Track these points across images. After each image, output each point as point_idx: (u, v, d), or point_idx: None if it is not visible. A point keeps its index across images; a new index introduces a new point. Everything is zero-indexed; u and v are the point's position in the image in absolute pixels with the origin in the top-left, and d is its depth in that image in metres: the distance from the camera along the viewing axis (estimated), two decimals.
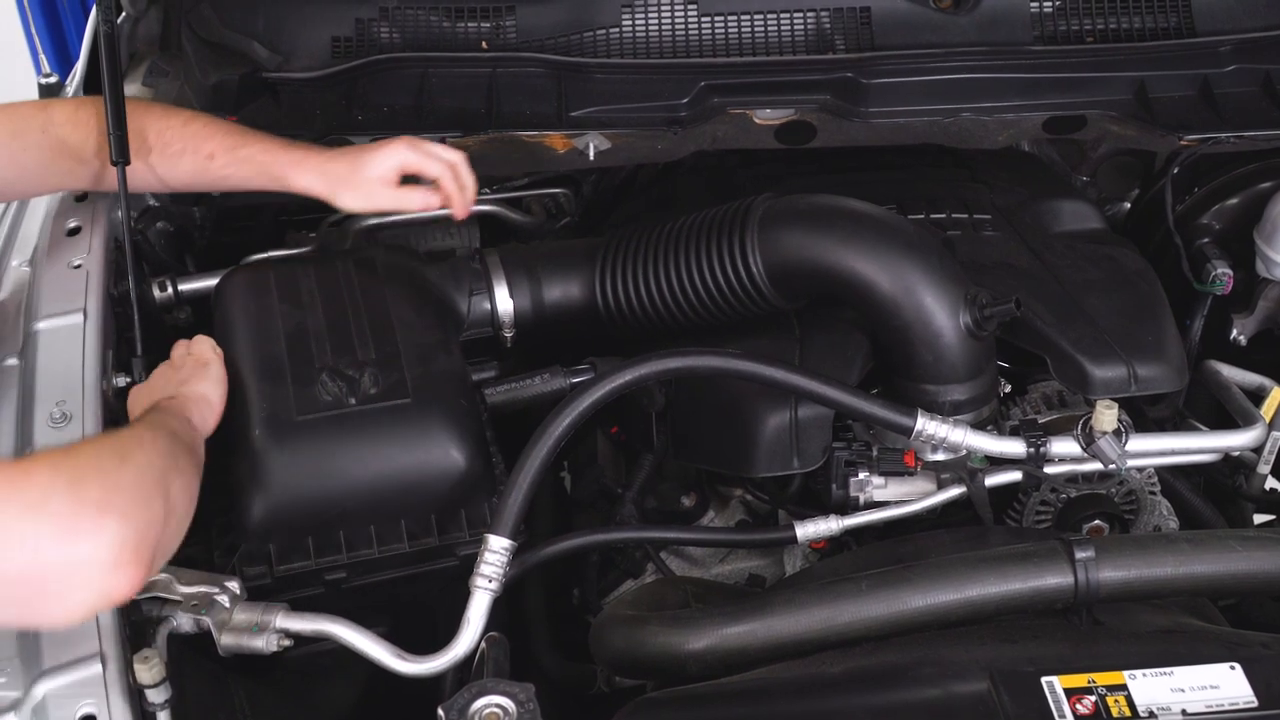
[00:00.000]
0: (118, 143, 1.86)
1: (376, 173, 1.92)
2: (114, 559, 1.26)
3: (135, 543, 1.28)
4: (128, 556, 1.27)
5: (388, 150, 1.94)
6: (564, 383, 1.97)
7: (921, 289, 1.85)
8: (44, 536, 1.23)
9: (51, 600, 1.26)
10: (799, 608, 1.54)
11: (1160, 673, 1.41)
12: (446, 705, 1.38)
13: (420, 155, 1.95)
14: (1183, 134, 2.28)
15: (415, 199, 1.96)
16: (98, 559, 1.25)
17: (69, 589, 1.26)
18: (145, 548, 1.30)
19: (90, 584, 1.26)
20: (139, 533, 1.29)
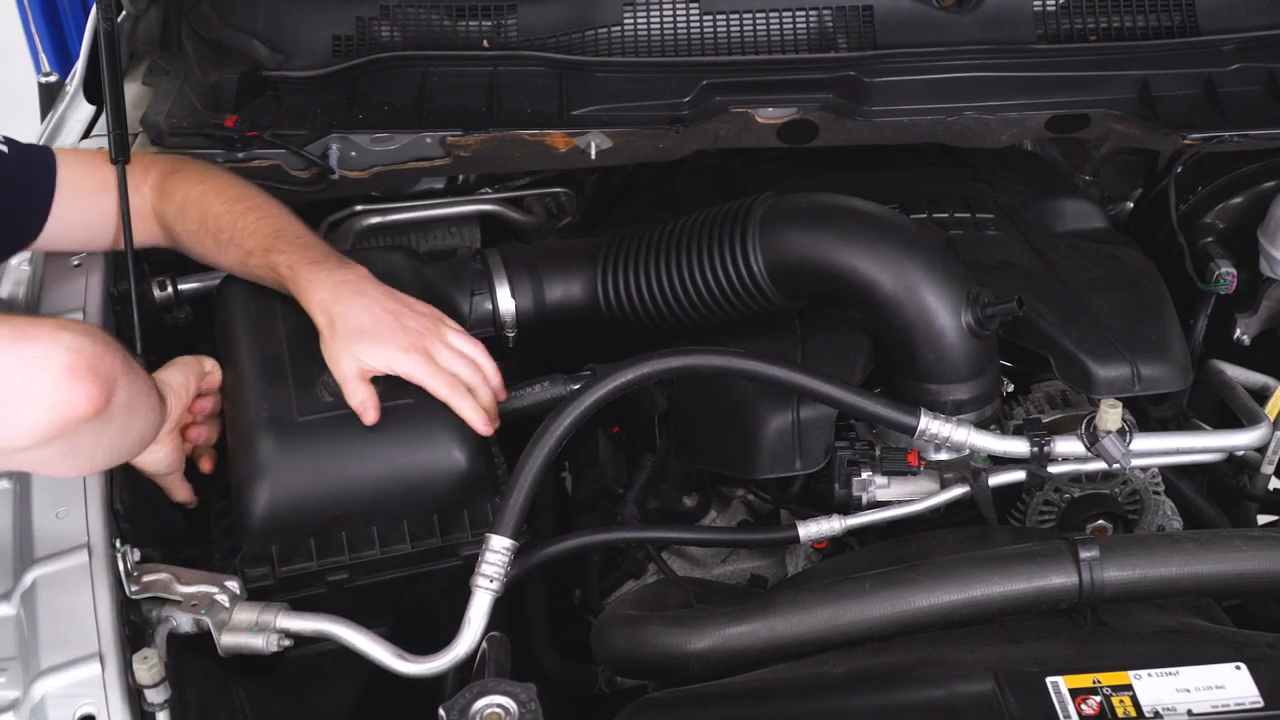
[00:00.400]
0: (118, 141, 1.86)
1: (370, 361, 1.70)
2: (68, 364, 1.27)
3: (90, 356, 1.29)
4: (83, 365, 1.28)
5: (396, 358, 1.71)
6: (564, 389, 1.96)
7: (923, 288, 1.84)
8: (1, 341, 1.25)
9: (11, 405, 1.26)
10: (802, 607, 1.53)
11: (1165, 673, 1.40)
12: (447, 705, 1.37)
13: (428, 378, 1.72)
14: (1186, 133, 2.27)
15: (356, 397, 1.69)
16: (50, 361, 1.27)
17: (25, 391, 1.26)
18: (101, 366, 1.30)
19: (46, 387, 1.26)
20: (94, 350, 1.30)
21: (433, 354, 1.74)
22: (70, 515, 1.58)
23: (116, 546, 1.54)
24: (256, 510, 1.67)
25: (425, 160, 2.23)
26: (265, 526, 1.67)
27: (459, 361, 1.76)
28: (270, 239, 1.81)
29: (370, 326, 1.72)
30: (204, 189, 1.88)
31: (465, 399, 1.73)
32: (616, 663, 1.68)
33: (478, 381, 1.77)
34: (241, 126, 2.17)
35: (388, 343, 1.71)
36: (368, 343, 1.70)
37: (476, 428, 1.73)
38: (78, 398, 1.30)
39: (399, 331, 1.73)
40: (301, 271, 1.76)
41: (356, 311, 1.73)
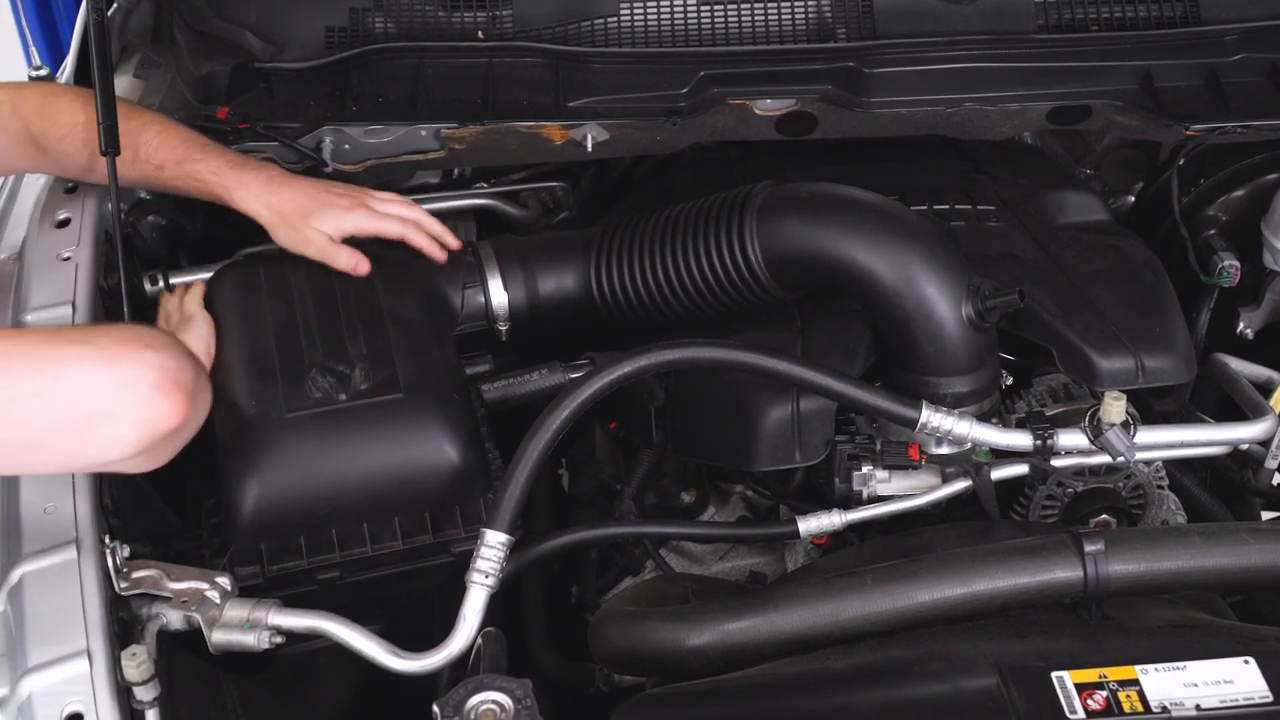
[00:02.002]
0: (107, 133, 1.85)
1: (326, 227, 1.88)
2: (155, 382, 1.38)
3: (174, 371, 1.41)
4: (168, 382, 1.39)
5: (341, 217, 1.89)
6: (562, 378, 1.95)
7: (923, 279, 1.82)
8: (90, 363, 1.36)
9: (103, 426, 1.36)
10: (803, 602, 1.51)
11: (1173, 667, 1.38)
12: (442, 702, 1.35)
13: (376, 223, 1.91)
14: (1189, 124, 2.26)
15: (343, 258, 1.88)
16: (141, 381, 1.37)
17: (117, 412, 1.37)
18: (184, 378, 1.42)
19: (136, 406, 1.37)
20: (177, 364, 1.42)
21: (372, 207, 1.93)
22: (59, 510, 1.56)
23: (106, 542, 1.52)
24: (246, 508, 1.66)
25: (419, 153, 2.22)
26: (255, 524, 1.66)
27: (394, 206, 1.96)
28: (182, 150, 1.91)
29: (310, 204, 1.89)
30: (90, 109, 1.87)
31: (417, 231, 1.94)
32: (614, 659, 1.66)
33: (418, 216, 1.96)
34: (234, 119, 2.16)
35: (332, 209, 1.89)
36: (317, 216, 1.87)
37: (435, 255, 1.95)
38: (166, 414, 1.40)
39: (336, 198, 1.91)
40: (228, 175, 1.89)
41: (294, 196, 1.89)
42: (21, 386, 1.34)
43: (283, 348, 1.78)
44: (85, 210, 2.00)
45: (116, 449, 1.39)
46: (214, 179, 1.89)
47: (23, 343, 1.39)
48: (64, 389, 1.35)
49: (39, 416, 1.35)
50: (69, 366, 1.36)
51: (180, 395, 1.41)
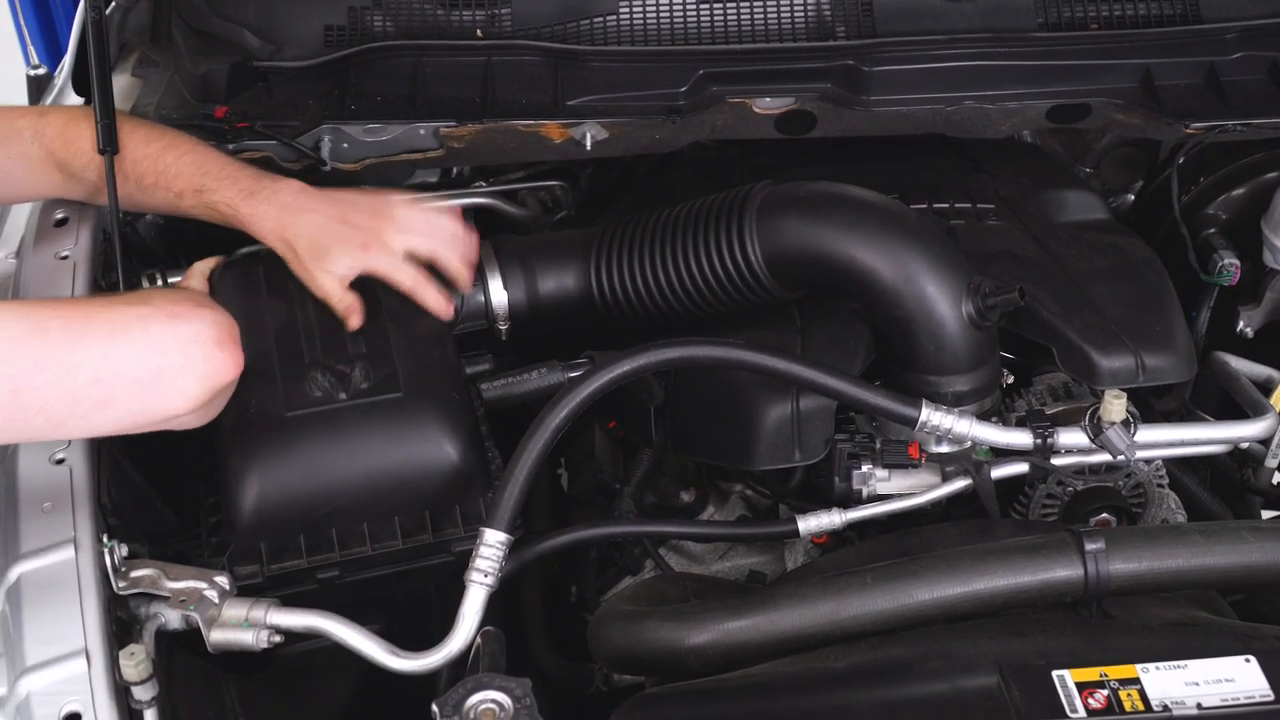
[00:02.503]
0: (105, 132, 1.84)
1: (339, 269, 1.80)
2: (215, 336, 1.48)
3: (228, 326, 1.50)
4: (227, 335, 1.49)
5: (357, 257, 1.80)
6: (561, 377, 1.95)
7: (923, 277, 1.82)
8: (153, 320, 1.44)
9: (171, 380, 1.44)
10: (803, 601, 1.51)
11: (1174, 666, 1.38)
12: (441, 701, 1.35)
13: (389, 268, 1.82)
14: (1189, 122, 2.25)
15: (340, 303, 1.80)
16: (203, 335, 1.47)
17: (185, 365, 1.45)
18: (235, 334, 1.52)
19: (201, 358, 1.46)
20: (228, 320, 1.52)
21: (388, 242, 1.82)
22: (56, 509, 1.56)
23: (104, 542, 1.52)
24: (245, 507, 1.65)
25: (418, 152, 2.21)
26: (254, 523, 1.66)
27: (414, 238, 1.85)
28: (198, 179, 1.86)
29: (324, 239, 1.80)
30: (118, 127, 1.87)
31: (428, 290, 1.84)
32: (613, 658, 1.66)
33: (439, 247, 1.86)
34: (232, 117, 2.15)
35: (345, 246, 1.80)
36: (329, 255, 1.79)
37: (440, 313, 1.85)
38: (227, 366, 1.51)
39: (352, 232, 1.81)
40: (242, 207, 1.83)
41: (308, 229, 1.81)
42: (90, 349, 1.39)
43: (282, 346, 1.77)
44: (83, 210, 1.99)
45: (183, 402, 1.47)
46: (229, 212, 1.84)
47: (86, 308, 1.45)
48: (131, 348, 1.42)
49: (109, 376, 1.41)
50: (135, 326, 1.43)
51: (236, 348, 1.51)
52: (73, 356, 1.39)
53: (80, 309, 1.45)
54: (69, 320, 1.41)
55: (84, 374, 1.40)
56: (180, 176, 1.87)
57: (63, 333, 1.39)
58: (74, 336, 1.40)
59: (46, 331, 1.39)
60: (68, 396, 1.41)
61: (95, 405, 1.44)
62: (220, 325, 1.50)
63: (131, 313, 1.44)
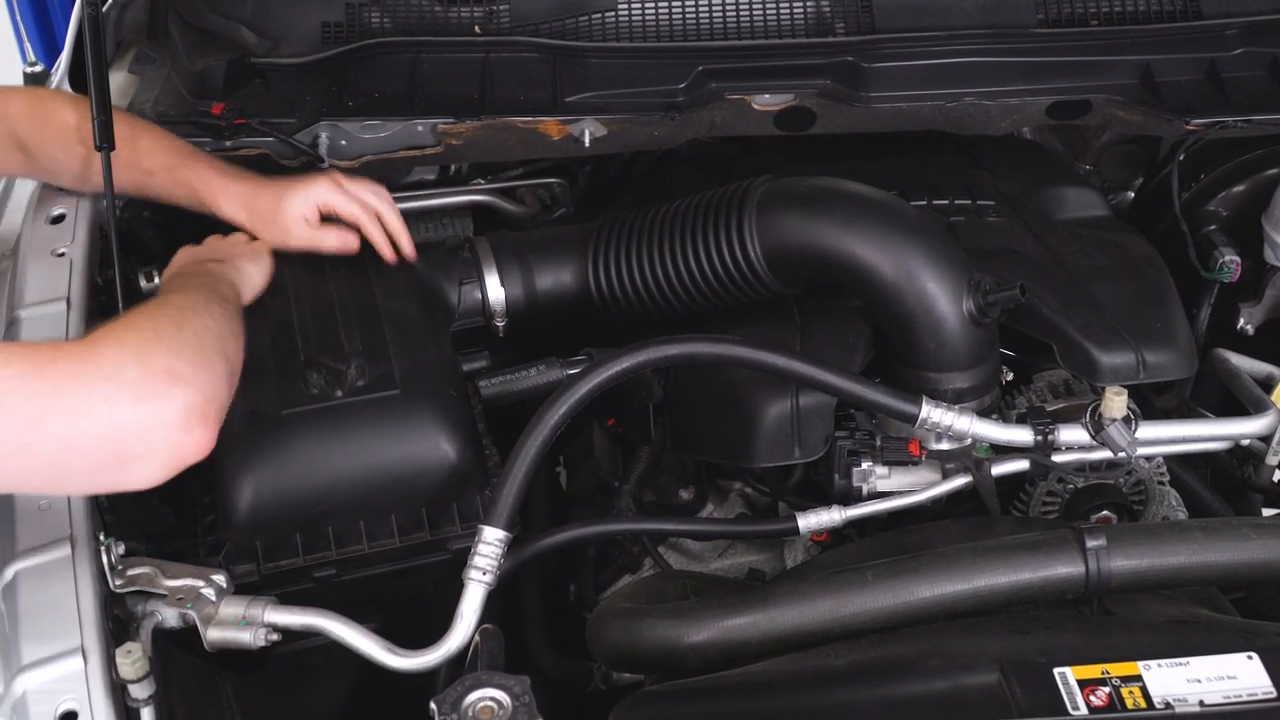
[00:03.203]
0: (102, 128, 1.83)
1: (297, 211, 1.90)
2: (185, 421, 1.38)
3: (202, 405, 1.40)
4: (197, 418, 1.39)
5: (308, 190, 1.91)
6: (560, 374, 1.94)
7: (924, 274, 1.81)
8: (120, 404, 1.35)
9: (131, 464, 1.38)
10: (803, 599, 1.50)
11: (1176, 663, 1.37)
12: (439, 699, 1.34)
13: (340, 196, 1.92)
14: (1190, 118, 2.25)
15: (330, 238, 1.92)
16: (171, 421, 1.37)
17: (146, 452, 1.38)
18: (212, 408, 1.43)
19: (166, 445, 1.38)
20: (205, 395, 1.42)
21: (340, 180, 1.93)
22: (53, 507, 1.55)
23: (101, 539, 1.51)
24: (241, 505, 1.65)
25: (416, 148, 2.21)
26: (250, 522, 1.65)
27: (363, 190, 1.94)
28: (173, 158, 1.94)
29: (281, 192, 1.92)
30: (83, 115, 1.87)
31: (374, 223, 1.92)
32: (613, 656, 1.65)
33: (382, 207, 1.94)
34: (229, 114, 2.14)
35: (299, 186, 1.91)
36: (287, 200, 1.89)
37: (385, 253, 1.93)
38: (193, 450, 1.40)
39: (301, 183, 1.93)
40: (213, 182, 1.91)
41: (268, 191, 1.92)
42: (51, 429, 1.33)
43: (278, 344, 1.77)
44: (80, 206, 1.99)
45: (142, 482, 1.41)
46: (200, 185, 1.91)
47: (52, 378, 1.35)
48: (95, 433, 1.35)
49: (69, 459, 1.36)
50: (99, 408, 1.35)
51: (206, 429, 1.41)
52: (33, 434, 1.33)
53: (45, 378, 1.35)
54: (32, 394, 1.33)
55: (44, 452, 1.34)
56: (153, 155, 1.92)
57: (26, 407, 1.32)
58: (37, 414, 1.33)
59: (9, 408, 1.32)
60: (26, 470, 1.36)
61: (51, 479, 1.40)
62: (190, 408, 1.39)
63: (97, 392, 1.35)
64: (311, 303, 1.84)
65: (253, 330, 1.77)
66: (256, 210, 1.91)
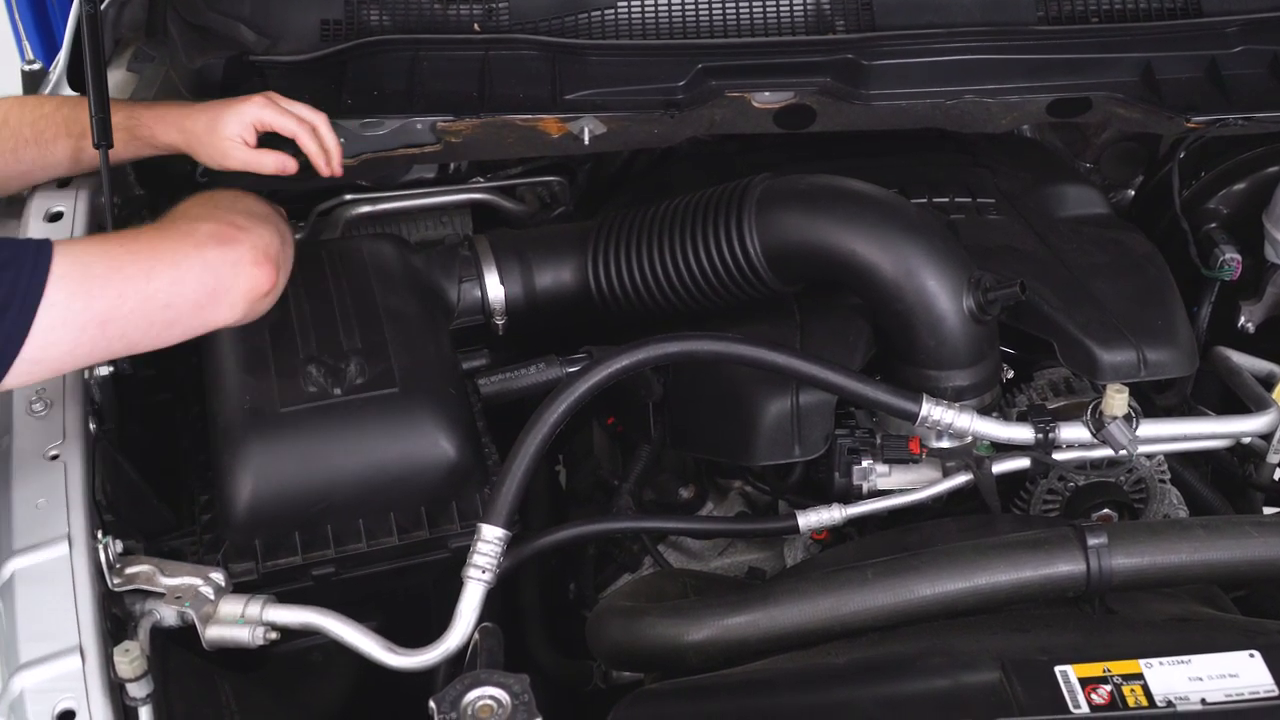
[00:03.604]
0: (99, 126, 1.82)
1: (232, 130, 1.90)
2: (255, 257, 1.66)
3: (265, 247, 1.68)
4: (263, 256, 1.67)
5: (242, 107, 1.92)
6: (559, 372, 1.94)
7: (924, 272, 1.81)
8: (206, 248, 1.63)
9: (222, 297, 1.64)
10: (803, 597, 1.50)
11: (1177, 661, 1.36)
12: (438, 697, 1.34)
13: (274, 113, 1.93)
14: (1190, 116, 2.24)
15: (268, 161, 1.92)
16: (244, 258, 1.65)
17: (233, 284, 1.64)
18: (273, 250, 1.69)
19: (245, 278, 1.65)
20: (265, 240, 1.69)
21: (275, 99, 1.95)
22: (50, 505, 1.55)
23: (98, 538, 1.51)
24: (239, 503, 1.65)
25: (416, 146, 2.19)
26: (249, 520, 1.65)
27: (299, 106, 1.96)
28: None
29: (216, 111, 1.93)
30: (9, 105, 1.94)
31: (311, 136, 1.94)
32: (612, 655, 1.65)
33: (319, 122, 1.96)
34: None
35: (234, 106, 1.92)
36: (222, 121, 1.91)
37: (319, 166, 1.95)
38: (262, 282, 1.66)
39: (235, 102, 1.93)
40: (145, 115, 1.95)
41: (203, 112, 1.94)
42: (161, 278, 1.58)
43: (277, 342, 1.76)
44: (78, 204, 1.98)
45: (231, 316, 1.66)
46: (133, 122, 1.93)
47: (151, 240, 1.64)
48: (194, 273, 1.61)
49: (178, 300, 1.60)
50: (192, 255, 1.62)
51: (271, 266, 1.67)
52: (149, 285, 1.57)
53: (145, 242, 1.63)
54: (137, 255, 1.59)
55: (158, 300, 1.58)
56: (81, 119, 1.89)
57: (136, 266, 1.57)
58: (146, 269, 1.58)
59: (123, 266, 1.56)
60: (145, 321, 1.58)
61: (165, 325, 1.62)
62: (258, 247, 1.66)
63: (188, 242, 1.63)
64: (310, 300, 1.83)
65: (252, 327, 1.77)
66: (191, 132, 1.92)
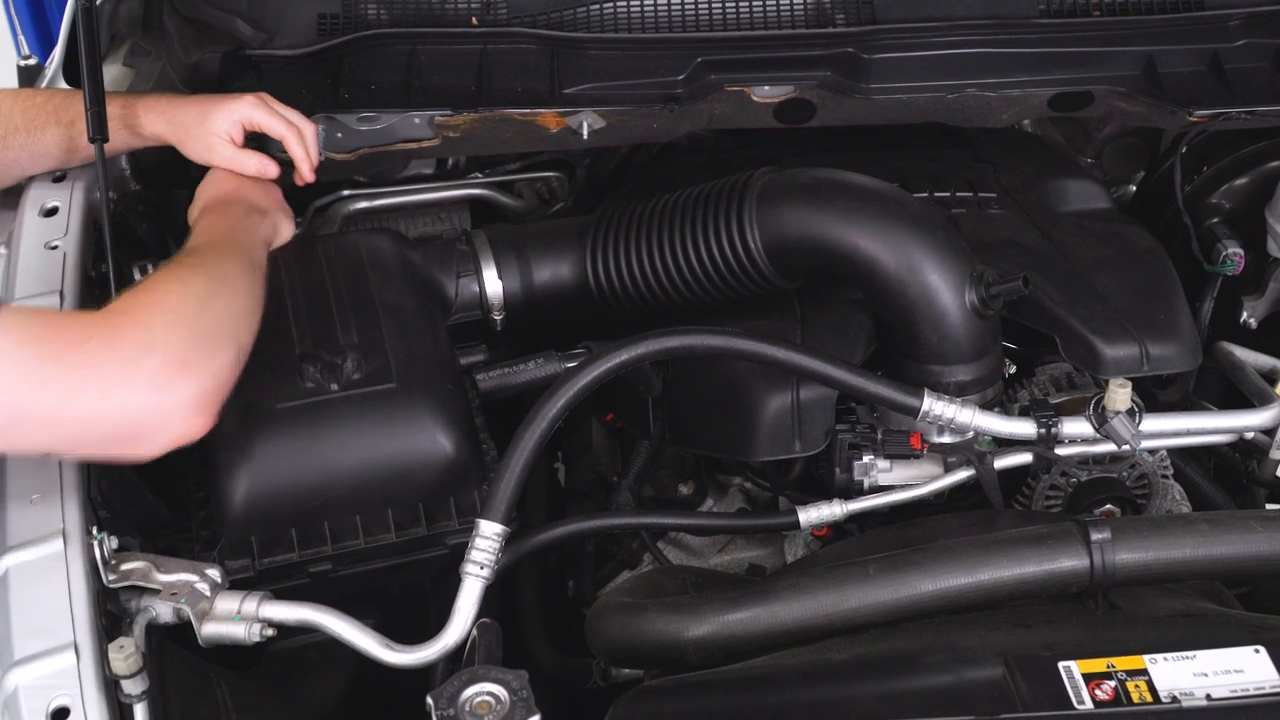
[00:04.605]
0: (95, 119, 1.82)
1: (220, 127, 1.91)
2: (195, 406, 1.49)
3: (211, 392, 1.51)
4: (206, 403, 1.50)
5: (233, 106, 1.92)
6: (558, 367, 1.93)
7: (926, 266, 1.80)
8: (139, 390, 1.46)
9: (140, 442, 1.50)
10: (804, 592, 1.49)
11: (1182, 657, 1.35)
12: (435, 694, 1.33)
13: (265, 114, 1.93)
14: (1192, 109, 2.22)
15: (252, 162, 1.93)
16: (183, 407, 1.49)
17: (156, 433, 1.49)
18: (219, 395, 1.53)
19: (174, 427, 1.49)
20: (215, 383, 1.52)
21: (267, 102, 1.95)
22: (45, 501, 1.54)
23: (93, 534, 1.50)
24: (235, 500, 1.64)
25: (413, 141, 2.18)
26: (245, 516, 1.64)
27: (287, 109, 1.97)
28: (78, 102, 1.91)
29: (206, 106, 1.93)
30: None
31: (298, 140, 1.94)
32: (612, 651, 1.64)
33: (308, 127, 1.97)
34: None
35: (224, 103, 1.92)
36: (211, 116, 1.90)
37: (302, 171, 1.97)
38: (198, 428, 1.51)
39: (227, 99, 1.94)
40: (134, 105, 1.93)
41: (192, 104, 1.94)
42: (80, 406, 1.44)
43: (273, 337, 1.75)
44: (74, 199, 1.97)
45: (147, 454, 1.52)
46: (123, 112, 1.92)
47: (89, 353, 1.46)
48: (115, 413, 1.46)
49: (91, 433, 1.47)
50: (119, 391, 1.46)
51: (210, 414, 1.52)
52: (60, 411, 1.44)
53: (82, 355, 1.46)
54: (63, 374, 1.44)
55: (68, 425, 1.46)
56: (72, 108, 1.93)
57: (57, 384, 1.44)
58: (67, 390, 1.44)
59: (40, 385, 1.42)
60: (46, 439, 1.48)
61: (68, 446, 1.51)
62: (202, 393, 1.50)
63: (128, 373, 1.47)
64: (307, 295, 1.82)
65: None
66: (181, 124, 1.92)
